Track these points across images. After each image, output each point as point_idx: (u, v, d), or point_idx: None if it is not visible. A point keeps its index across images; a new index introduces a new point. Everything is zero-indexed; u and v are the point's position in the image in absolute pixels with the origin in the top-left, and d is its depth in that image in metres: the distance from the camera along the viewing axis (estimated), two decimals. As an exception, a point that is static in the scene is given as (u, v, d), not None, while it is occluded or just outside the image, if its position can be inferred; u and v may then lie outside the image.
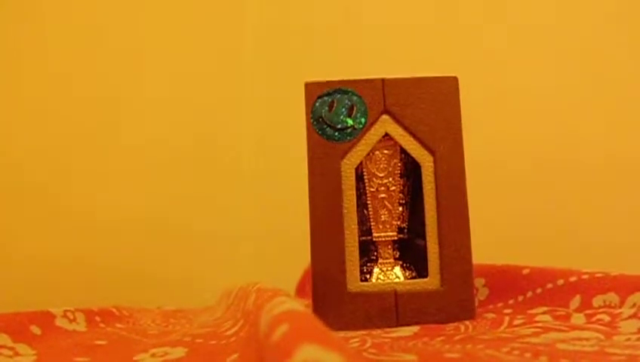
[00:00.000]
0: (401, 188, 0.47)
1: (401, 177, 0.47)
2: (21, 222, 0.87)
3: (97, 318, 0.47)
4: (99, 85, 0.92)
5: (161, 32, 0.94)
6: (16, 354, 0.35)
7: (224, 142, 0.93)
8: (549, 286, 0.44)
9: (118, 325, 0.48)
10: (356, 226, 0.45)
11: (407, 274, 0.47)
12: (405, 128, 0.46)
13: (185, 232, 0.89)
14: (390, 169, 0.47)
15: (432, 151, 0.45)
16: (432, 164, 0.45)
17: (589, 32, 0.87)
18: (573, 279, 0.43)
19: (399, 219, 0.47)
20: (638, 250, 0.77)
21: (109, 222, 0.88)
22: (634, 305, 0.38)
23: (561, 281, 0.43)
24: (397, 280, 0.46)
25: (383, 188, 0.47)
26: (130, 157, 0.91)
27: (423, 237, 0.45)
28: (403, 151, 0.46)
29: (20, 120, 0.90)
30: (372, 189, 0.47)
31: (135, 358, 0.34)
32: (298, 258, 0.60)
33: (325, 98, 0.46)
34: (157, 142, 0.91)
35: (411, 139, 0.46)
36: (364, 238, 0.47)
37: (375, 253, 0.47)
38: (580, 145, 0.85)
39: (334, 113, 0.46)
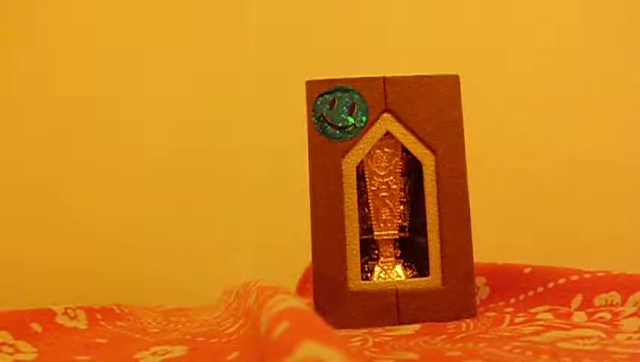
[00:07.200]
0: (402, 186, 0.47)
1: (402, 176, 0.47)
2: (21, 223, 0.87)
3: (98, 316, 0.47)
4: (99, 86, 0.92)
5: (161, 32, 0.94)
6: (17, 351, 0.35)
7: (225, 141, 0.93)
8: (551, 285, 0.44)
9: (119, 323, 0.48)
10: (357, 225, 0.45)
11: (408, 272, 0.46)
12: (406, 127, 0.46)
13: (185, 231, 0.89)
14: (391, 167, 0.47)
15: (433, 150, 0.45)
16: (433, 163, 0.45)
17: (590, 31, 0.87)
18: (574, 278, 0.43)
19: (400, 217, 0.47)
20: (639, 250, 0.77)
21: (110, 222, 0.88)
22: (636, 303, 0.38)
23: (562, 280, 0.43)
24: (398, 278, 0.46)
25: (384, 186, 0.47)
26: (131, 158, 0.91)
27: (425, 235, 0.45)
28: (404, 149, 0.46)
29: (20, 120, 0.90)
30: (373, 188, 0.47)
31: (135, 356, 0.34)
32: (299, 256, 0.60)
33: (326, 96, 0.46)
34: (157, 142, 0.91)
35: (412, 137, 0.46)
36: (365, 237, 0.47)
37: (376, 252, 0.47)
38: (582, 145, 0.85)
39: (335, 111, 0.46)
